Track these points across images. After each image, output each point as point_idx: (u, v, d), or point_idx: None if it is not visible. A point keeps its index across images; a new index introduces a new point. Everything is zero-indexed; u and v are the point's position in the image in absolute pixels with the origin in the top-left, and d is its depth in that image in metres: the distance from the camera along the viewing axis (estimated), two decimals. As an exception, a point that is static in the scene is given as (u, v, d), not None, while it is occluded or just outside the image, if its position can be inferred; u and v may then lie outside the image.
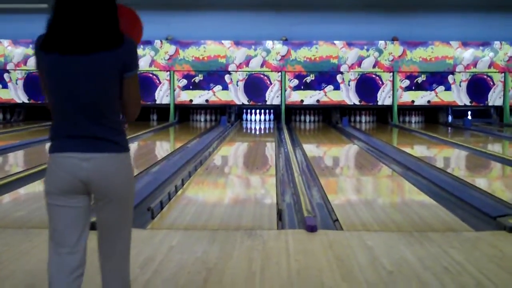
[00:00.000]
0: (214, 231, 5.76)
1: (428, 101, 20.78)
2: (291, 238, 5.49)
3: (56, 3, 2.95)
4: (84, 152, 2.94)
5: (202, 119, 21.35)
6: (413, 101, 20.78)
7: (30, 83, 20.63)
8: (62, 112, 3.00)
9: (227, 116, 20.47)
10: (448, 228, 5.98)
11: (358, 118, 21.47)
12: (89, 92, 2.93)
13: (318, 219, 6.42)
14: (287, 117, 20.79)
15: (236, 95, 20.59)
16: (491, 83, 20.76)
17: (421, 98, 20.76)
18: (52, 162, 3.05)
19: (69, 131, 2.98)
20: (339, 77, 20.61)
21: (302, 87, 20.63)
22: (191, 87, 20.53)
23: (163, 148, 14.62)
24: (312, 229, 5.71)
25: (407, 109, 21.39)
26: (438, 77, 20.71)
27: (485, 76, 20.77)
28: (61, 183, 3.00)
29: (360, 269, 4.61)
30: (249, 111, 21.53)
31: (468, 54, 20.70)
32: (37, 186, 8.37)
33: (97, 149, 2.95)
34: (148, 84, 20.29)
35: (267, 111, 21.47)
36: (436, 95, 20.72)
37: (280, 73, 20.63)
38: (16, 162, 11.49)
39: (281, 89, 20.60)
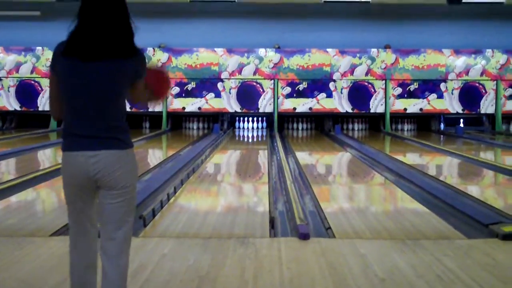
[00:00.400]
0: (206, 239, 5.75)
1: (421, 109, 20.82)
2: (284, 246, 5.48)
3: (80, 15, 3.27)
4: (91, 151, 3.25)
5: (195, 127, 21.33)
6: (405, 109, 20.82)
7: (22, 91, 20.59)
8: (74, 113, 3.28)
9: (219, 124, 20.46)
10: (440, 236, 5.98)
11: (350, 126, 21.50)
12: (103, 95, 3.25)
13: (311, 227, 6.41)
14: (280, 124, 20.80)
15: (228, 103, 20.59)
16: (483, 91, 20.82)
17: (413, 106, 20.81)
18: (64, 160, 3.35)
19: (79, 131, 3.26)
20: (331, 85, 20.64)
21: (294, 95, 20.65)
22: (183, 94, 20.52)
23: (155, 155, 14.59)
24: (304, 237, 5.70)
25: (400, 117, 21.43)
26: (430, 85, 20.77)
27: (477, 84, 20.83)
28: (72, 179, 3.32)
29: (352, 277, 4.60)
30: (241, 118, 21.54)
31: (460, 62, 20.76)
32: (29, 194, 8.35)
33: (104, 147, 3.26)
34: (141, 91, 20.22)
35: (259, 118, 21.48)
36: (429, 103, 20.77)
37: (272, 81, 20.65)
38: (7, 169, 11.44)
39: (274, 97, 20.62)
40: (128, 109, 3.44)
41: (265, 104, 20.66)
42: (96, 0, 3.24)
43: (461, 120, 21.80)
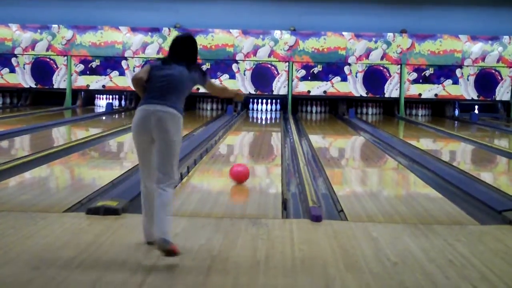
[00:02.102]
0: (218, 219, 5.76)
1: (436, 95, 20.73)
2: (296, 228, 5.49)
3: (171, 47, 5.24)
4: (155, 105, 4.73)
5: (209, 108, 21.33)
6: (420, 94, 20.73)
7: (37, 68, 20.64)
8: (153, 92, 4.83)
9: (233, 105, 20.44)
10: (453, 221, 5.97)
11: (364, 110, 21.44)
12: (173, 85, 4.87)
13: (323, 209, 6.41)
14: (294, 107, 20.77)
15: (243, 85, 20.56)
16: (499, 78, 20.70)
17: (428, 91, 20.71)
18: (136, 111, 4.83)
19: (151, 99, 4.79)
20: (346, 69, 20.58)
21: (309, 78, 20.61)
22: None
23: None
24: (317, 219, 5.70)
25: (414, 102, 21.34)
26: (446, 71, 20.66)
27: (493, 71, 20.70)
28: (136, 124, 4.77)
29: (364, 259, 4.60)
30: (255, 100, 21.51)
31: (476, 48, 20.63)
32: (43, 171, 8.39)
33: (164, 106, 4.72)
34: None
35: (273, 101, 21.45)
36: (444, 89, 20.67)
37: (287, 63, 20.60)
38: (22, 146, 11.50)
39: (288, 79, 20.58)
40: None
41: (279, 87, 20.63)
42: (182, 43, 5.31)
43: (476, 107, 21.70)
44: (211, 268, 4.33)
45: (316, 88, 20.63)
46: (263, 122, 18.52)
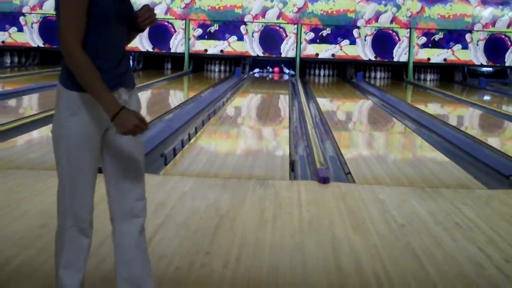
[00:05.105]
0: (226, 179, 5.78)
1: (445, 59, 20.59)
2: (303, 189, 5.50)
3: None
4: None
5: (217, 69, 21.23)
6: (429, 59, 20.60)
7: (45, 27, 20.53)
8: None
9: (241, 67, 20.36)
10: (460, 185, 5.97)
11: (373, 74, 21.29)
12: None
13: (331, 171, 6.42)
14: (302, 70, 20.67)
15: (251, 47, 20.45)
16: (509, 43, 20.52)
17: (437, 56, 20.56)
18: None
19: None
20: (355, 32, 20.42)
21: (318, 41, 20.47)
22: (206, 36, 20.38)
23: (176, 97, 14.61)
24: (324, 180, 5.71)
25: (423, 67, 21.19)
26: (455, 35, 20.49)
27: (503, 36, 20.53)
28: None
29: (371, 221, 4.61)
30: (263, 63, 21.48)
31: (487, 13, 20.43)
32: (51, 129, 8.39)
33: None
34: (163, 32, 20.12)
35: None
36: (453, 54, 20.52)
37: (296, 26, 20.46)
38: (30, 105, 11.52)
39: (297, 42, 20.45)
40: (150, 49, 3.20)
41: (287, 49, 20.52)
42: None
43: (485, 72, 21.57)
44: (218, 227, 4.35)
45: (325, 51, 20.50)
46: (271, 85, 18.47)
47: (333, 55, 20.49)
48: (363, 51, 20.46)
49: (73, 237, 2.75)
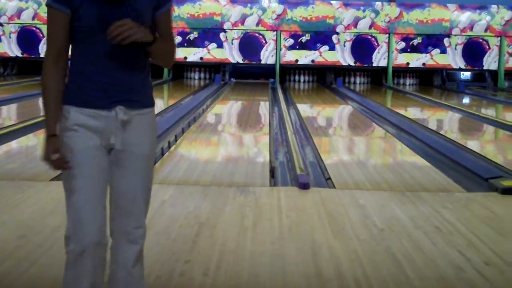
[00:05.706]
0: (206, 186, 5.76)
1: (423, 64, 20.70)
2: (284, 195, 5.50)
3: None
4: None
5: (196, 77, 21.19)
6: (408, 63, 20.70)
7: (23, 37, 20.42)
8: None
9: (221, 74, 20.35)
10: (440, 189, 5.99)
11: (352, 79, 21.35)
12: None
13: (311, 177, 6.42)
14: (282, 76, 20.69)
15: (231, 54, 20.46)
16: (487, 47, 20.67)
17: (416, 60, 20.68)
18: None
19: None
20: (334, 38, 20.49)
21: (297, 47, 20.51)
22: (185, 44, 20.36)
23: (156, 104, 14.46)
24: (304, 186, 5.71)
25: (402, 71, 21.29)
26: (434, 40, 20.61)
27: (481, 40, 20.68)
28: None
29: (351, 226, 4.61)
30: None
31: (464, 17, 20.57)
32: (30, 140, 8.35)
33: None
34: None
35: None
36: (432, 58, 20.64)
37: (275, 32, 20.49)
38: (8, 115, 11.45)
39: (276, 49, 20.48)
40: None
41: (267, 56, 20.54)
42: None
43: (463, 75, 21.70)
44: (198, 235, 4.33)
45: (304, 57, 20.54)
46: (251, 92, 18.46)
47: (312, 61, 20.54)
48: (342, 56, 20.53)
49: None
